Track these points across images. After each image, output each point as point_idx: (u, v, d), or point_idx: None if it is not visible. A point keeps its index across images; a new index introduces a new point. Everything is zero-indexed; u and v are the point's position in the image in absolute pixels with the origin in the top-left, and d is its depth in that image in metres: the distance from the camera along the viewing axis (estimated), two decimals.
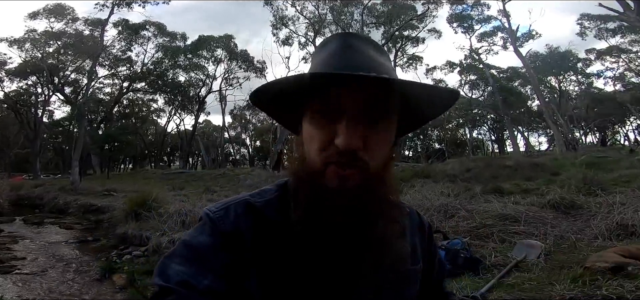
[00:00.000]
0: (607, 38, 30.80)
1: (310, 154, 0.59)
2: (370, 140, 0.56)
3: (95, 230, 7.45)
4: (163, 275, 0.54)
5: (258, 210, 0.62)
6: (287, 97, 0.62)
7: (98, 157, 29.59)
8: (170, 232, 4.24)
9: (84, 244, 5.81)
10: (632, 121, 38.57)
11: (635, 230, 2.93)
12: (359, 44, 0.61)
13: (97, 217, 8.82)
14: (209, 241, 0.58)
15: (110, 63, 27.97)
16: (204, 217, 0.61)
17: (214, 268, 0.55)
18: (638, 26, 12.41)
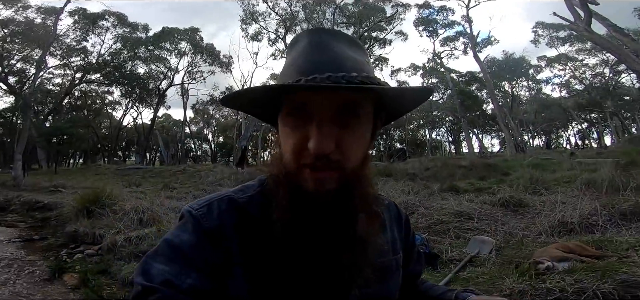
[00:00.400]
0: (557, 46, 33.30)
1: (286, 155, 0.58)
2: (344, 141, 0.55)
3: (42, 228, 6.90)
4: (146, 275, 0.53)
5: (241, 207, 0.62)
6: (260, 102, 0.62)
7: (45, 151, 27.46)
8: (127, 230, 4.04)
9: (30, 243, 5.37)
10: (574, 126, 42.03)
11: (574, 227, 3.21)
12: (330, 40, 0.59)
13: (44, 215, 8.17)
14: (192, 239, 0.57)
15: (63, 53, 25.99)
16: (186, 214, 0.60)
17: (197, 266, 0.54)
18: (586, 35, 13.43)
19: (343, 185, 0.56)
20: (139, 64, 30.62)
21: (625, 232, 2.91)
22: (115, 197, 5.10)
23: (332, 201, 0.56)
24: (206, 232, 0.58)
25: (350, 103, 0.55)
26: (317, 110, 0.54)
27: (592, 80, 34.45)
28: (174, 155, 33.72)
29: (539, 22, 32.62)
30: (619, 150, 12.80)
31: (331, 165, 0.54)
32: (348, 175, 0.56)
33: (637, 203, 3.36)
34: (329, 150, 0.53)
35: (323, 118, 0.54)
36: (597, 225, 3.13)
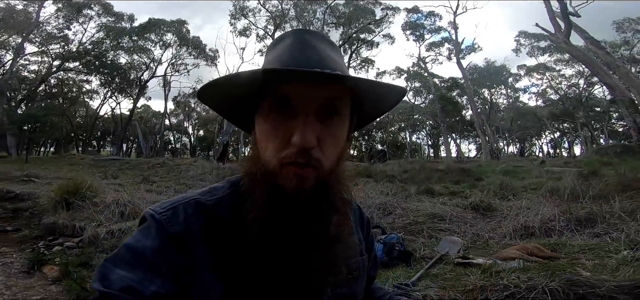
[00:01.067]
0: (537, 56, 34.55)
1: (266, 154, 0.57)
2: (325, 139, 0.56)
3: (14, 219, 6.64)
4: (104, 280, 0.51)
5: (209, 210, 0.60)
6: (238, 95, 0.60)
7: (15, 138, 26.37)
8: (108, 223, 4.04)
9: (2, 235, 5.22)
10: (547, 135, 43.81)
11: (535, 231, 3.48)
12: (314, 40, 0.61)
13: (16, 206, 7.81)
14: (155, 245, 0.55)
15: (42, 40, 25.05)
16: (149, 218, 0.58)
17: (161, 272, 0.52)
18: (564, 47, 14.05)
19: (320, 185, 0.56)
20: (121, 54, 29.94)
21: (578, 236, 3.19)
22: (96, 189, 5.06)
23: (309, 200, 0.55)
24: (171, 237, 0.55)
25: (331, 100, 0.56)
26: (301, 103, 0.55)
27: (567, 91, 35.91)
28: (153, 147, 33.06)
29: (522, 31, 33.91)
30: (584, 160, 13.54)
31: (311, 162, 0.54)
32: (325, 174, 0.56)
33: (592, 210, 3.66)
34: (312, 145, 0.54)
35: (308, 112, 0.55)
36: (555, 229, 3.42)
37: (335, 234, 0.58)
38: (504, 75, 39.15)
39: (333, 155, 0.58)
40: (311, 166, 0.55)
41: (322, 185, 0.56)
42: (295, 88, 0.54)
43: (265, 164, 0.57)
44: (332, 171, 0.58)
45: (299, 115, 0.54)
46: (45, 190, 7.81)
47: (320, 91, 0.55)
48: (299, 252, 0.56)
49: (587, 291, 1.77)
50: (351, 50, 32.74)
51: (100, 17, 27.45)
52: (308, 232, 0.56)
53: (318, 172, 0.56)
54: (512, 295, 1.85)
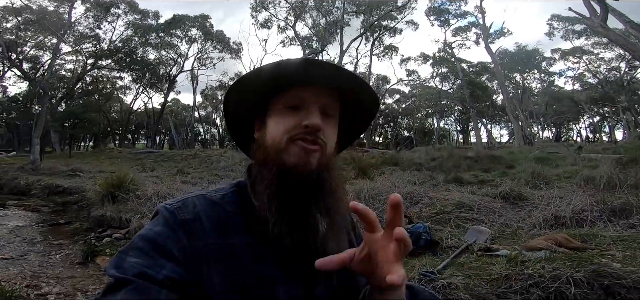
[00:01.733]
0: (572, 39, 32.64)
1: (276, 136, 0.67)
2: (326, 129, 0.68)
3: (64, 212, 7.19)
4: (119, 268, 0.53)
5: (216, 203, 0.66)
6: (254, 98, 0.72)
7: (58, 134, 28.13)
8: (150, 215, 4.36)
9: (56, 227, 5.65)
10: (586, 119, 41.54)
11: (566, 221, 3.43)
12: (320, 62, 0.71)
13: (64, 199, 8.46)
14: (165, 230, 0.58)
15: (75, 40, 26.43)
16: (161, 210, 0.62)
17: (172, 256, 0.56)
18: (601, 32, 13.18)
19: (322, 164, 0.66)
20: (150, 50, 30.99)
21: (611, 227, 3.13)
22: (137, 183, 5.40)
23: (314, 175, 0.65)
24: (181, 222, 0.60)
25: (329, 104, 0.70)
26: (309, 103, 0.68)
27: (607, 74, 33.80)
28: (185, 140, 34.23)
29: (555, 15, 32.03)
30: (624, 146, 12.81)
31: (318, 141, 0.66)
32: (326, 157, 0.68)
33: (628, 201, 3.56)
34: (319, 126, 0.66)
35: (317, 107, 0.68)
36: (587, 220, 3.36)
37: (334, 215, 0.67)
38: (536, 59, 37.26)
39: (331, 144, 0.70)
40: (317, 144, 0.66)
41: (325, 164, 0.67)
42: (305, 91, 0.68)
43: (275, 145, 0.67)
44: (330, 157, 0.69)
45: (309, 109, 0.67)
46: (90, 184, 8.39)
47: (322, 95, 0.69)
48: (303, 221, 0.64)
49: (612, 282, 1.79)
50: (373, 38, 32.25)
51: (127, 15, 28.49)
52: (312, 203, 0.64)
53: (322, 152, 0.67)
54: (536, 284, 1.90)
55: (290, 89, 0.68)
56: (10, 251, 4.26)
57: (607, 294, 1.80)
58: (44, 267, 3.69)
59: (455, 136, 47.73)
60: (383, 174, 8.06)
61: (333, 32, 28.36)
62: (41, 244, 4.62)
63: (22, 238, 5.00)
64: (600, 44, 30.91)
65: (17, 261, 3.82)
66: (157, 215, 0.63)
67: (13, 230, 5.57)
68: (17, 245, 4.48)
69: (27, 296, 2.87)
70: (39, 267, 3.67)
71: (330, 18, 28.73)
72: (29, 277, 3.27)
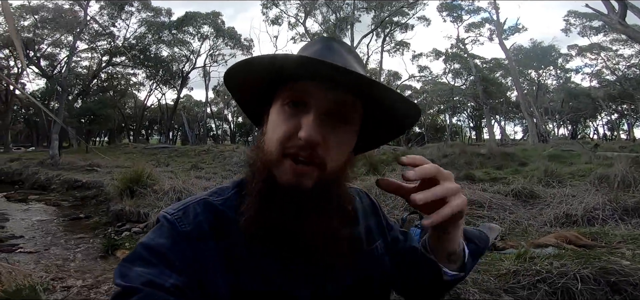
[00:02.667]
0: (590, 35, 31.89)
1: (270, 144, 0.60)
2: (331, 141, 0.58)
3: (83, 207, 7.40)
4: (125, 277, 0.53)
5: (217, 209, 0.63)
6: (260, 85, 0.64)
7: (74, 130, 28.88)
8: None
9: (76, 221, 5.85)
10: (603, 117, 40.57)
11: (577, 219, 3.44)
12: (341, 49, 0.65)
13: (83, 194, 8.65)
14: (168, 242, 0.57)
15: (90, 37, 27.07)
16: (162, 219, 0.61)
17: (177, 268, 0.55)
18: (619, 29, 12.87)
19: (320, 185, 0.58)
20: (163, 47, 31.57)
21: (622, 226, 3.13)
22: (154, 178, 5.56)
23: (306, 199, 0.57)
24: (182, 234, 0.58)
25: (346, 105, 0.59)
26: (315, 102, 0.58)
27: (626, 71, 32.94)
28: (198, 135, 34.72)
29: (572, 11, 31.36)
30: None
31: (314, 159, 0.57)
32: (327, 175, 0.58)
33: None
34: (317, 141, 0.56)
35: (320, 110, 0.57)
36: (599, 218, 3.36)
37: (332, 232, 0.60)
38: (552, 55, 36.53)
39: (337, 159, 0.60)
40: (314, 164, 0.57)
41: (322, 187, 0.58)
42: (311, 87, 0.58)
43: (267, 154, 0.60)
44: (334, 174, 0.60)
45: (311, 112, 0.57)
46: (108, 178, 8.61)
47: (333, 94, 0.57)
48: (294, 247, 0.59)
49: (619, 279, 1.83)
50: (384, 34, 32.06)
51: (141, 13, 29.05)
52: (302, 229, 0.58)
53: (320, 171, 0.58)
54: (543, 280, 1.94)
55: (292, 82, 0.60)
56: (34, 245, 4.46)
57: (614, 291, 1.84)
58: (67, 260, 3.85)
59: (468, 133, 47.23)
60: (394, 170, 8.08)
61: (343, 28, 28.31)
62: (63, 237, 4.81)
63: (45, 232, 5.21)
64: (619, 41, 30.15)
65: (41, 255, 4.00)
66: (158, 222, 0.61)
67: (35, 224, 5.80)
68: (40, 240, 4.68)
69: (54, 288, 3.02)
70: (62, 260, 3.83)
71: (341, 14, 28.71)
72: (54, 270, 3.43)
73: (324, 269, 0.61)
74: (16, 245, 4.46)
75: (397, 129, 0.70)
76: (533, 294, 1.90)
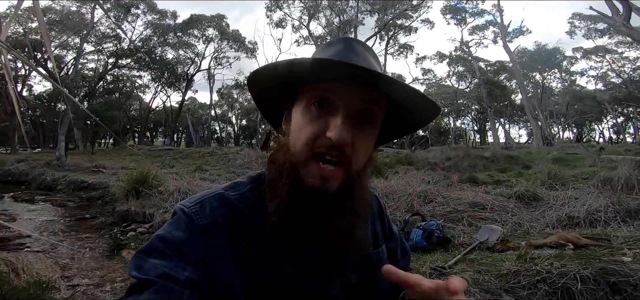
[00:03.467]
0: (595, 38, 31.72)
1: (296, 145, 0.60)
2: (357, 141, 0.58)
3: (89, 207, 7.46)
4: (141, 270, 0.53)
5: (233, 204, 0.63)
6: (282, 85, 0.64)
7: (80, 131, 29.14)
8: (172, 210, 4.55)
9: (82, 222, 5.90)
10: (609, 119, 40.31)
11: (580, 221, 3.45)
12: (362, 50, 0.65)
13: (89, 195, 8.73)
14: (185, 236, 0.58)
15: (97, 40, 27.36)
16: (179, 212, 0.61)
17: (192, 261, 0.55)
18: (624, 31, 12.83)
19: (345, 185, 0.59)
20: (168, 50, 31.78)
21: (625, 228, 3.13)
22: (160, 179, 5.62)
23: (331, 200, 0.59)
24: (199, 228, 0.59)
25: (369, 103, 0.59)
26: (342, 103, 0.57)
27: (632, 74, 32.71)
28: (202, 137, 34.89)
29: (576, 13, 31.17)
30: None
31: (342, 159, 0.58)
32: (352, 175, 0.59)
33: None
34: (346, 142, 0.56)
35: (348, 111, 0.57)
36: (601, 220, 3.36)
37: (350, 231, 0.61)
38: (557, 58, 36.33)
39: (362, 158, 0.61)
40: (341, 164, 0.58)
41: (348, 186, 0.60)
42: (338, 87, 0.58)
43: (295, 155, 0.60)
44: (359, 173, 0.61)
45: (338, 113, 0.57)
46: (113, 179, 8.69)
47: (360, 95, 0.58)
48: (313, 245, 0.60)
49: (619, 279, 1.84)
50: (388, 37, 32.09)
51: (146, 15, 29.30)
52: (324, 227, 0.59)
53: (346, 172, 0.59)
54: (543, 280, 1.96)
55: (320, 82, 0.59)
56: (42, 245, 4.52)
57: (614, 291, 1.85)
58: (73, 259, 3.91)
59: (472, 136, 47.05)
60: (397, 173, 8.11)
61: (347, 31, 28.36)
62: (69, 237, 4.87)
63: (52, 232, 5.27)
64: (624, 43, 29.95)
65: (48, 254, 4.05)
66: (175, 215, 0.62)
67: (42, 224, 5.86)
68: (47, 239, 4.74)
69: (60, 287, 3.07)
70: (68, 260, 3.89)
71: (344, 17, 28.77)
72: (60, 270, 3.49)
73: (334, 266, 0.63)
74: (23, 245, 4.52)
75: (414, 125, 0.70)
76: (533, 294, 1.92)
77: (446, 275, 2.27)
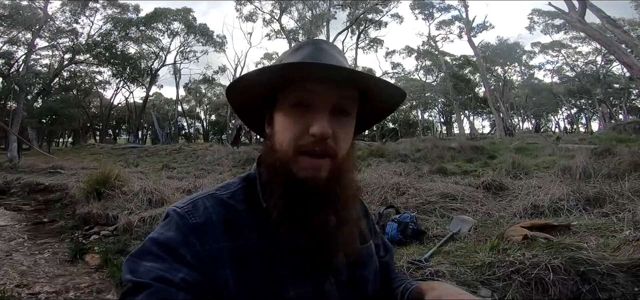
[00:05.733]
0: (552, 33, 33.45)
1: (283, 144, 0.63)
2: (338, 133, 0.63)
3: (47, 211, 6.99)
4: (135, 273, 0.53)
5: (227, 202, 0.65)
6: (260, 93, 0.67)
7: (35, 131, 27.28)
8: (138, 211, 4.32)
9: (40, 226, 5.51)
10: (564, 111, 42.92)
11: (544, 210, 3.60)
12: (330, 49, 0.69)
13: (46, 197, 8.20)
14: (178, 235, 0.58)
15: (51, 35, 25.51)
16: (172, 213, 0.62)
17: (186, 261, 0.56)
18: (578, 27, 13.61)
19: (334, 173, 0.63)
20: (130, 45, 30.27)
21: (586, 216, 3.30)
22: (123, 179, 5.34)
23: (324, 187, 0.62)
24: (192, 227, 0.59)
25: (343, 98, 0.64)
26: (320, 100, 0.62)
27: (584, 68, 34.89)
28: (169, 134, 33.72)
29: (535, 9, 32.75)
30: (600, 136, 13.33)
31: (327, 151, 0.61)
32: (338, 163, 0.63)
33: (602, 190, 3.74)
34: (329, 135, 0.60)
35: (328, 107, 0.62)
36: (564, 209, 3.52)
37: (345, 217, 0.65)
38: (517, 52, 38.13)
39: (344, 147, 0.65)
40: (327, 155, 0.62)
41: (336, 173, 0.63)
42: (314, 87, 0.61)
43: (283, 154, 0.63)
44: (343, 162, 0.65)
45: (317, 111, 0.61)
46: (73, 181, 8.18)
47: (334, 91, 0.62)
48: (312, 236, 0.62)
49: (588, 268, 1.92)
50: (359, 31, 32.35)
51: (106, 9, 27.72)
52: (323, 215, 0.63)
53: (332, 161, 0.63)
54: (517, 271, 2.01)
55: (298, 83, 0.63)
56: None
57: (583, 280, 1.93)
58: (32, 266, 3.62)
59: (439, 128, 48.57)
60: (370, 166, 8.16)
61: (319, 25, 28.30)
62: (26, 243, 4.53)
63: (6, 238, 4.87)
64: (578, 39, 31.86)
65: (3, 261, 3.74)
66: (167, 217, 0.62)
67: None
68: (1, 245, 4.38)
69: (18, 296, 2.83)
70: (26, 266, 3.60)
71: (317, 11, 28.66)
72: (18, 277, 3.22)
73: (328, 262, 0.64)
74: None
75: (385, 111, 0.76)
76: (508, 286, 1.97)
77: (423, 268, 2.29)
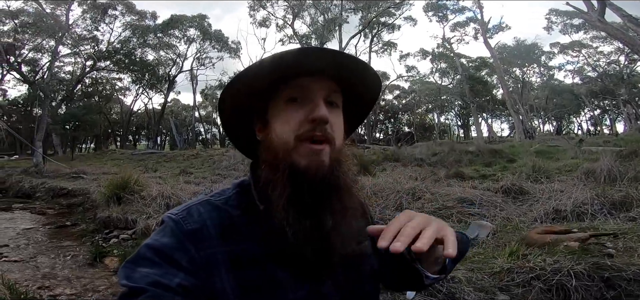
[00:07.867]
0: (571, 33, 32.54)
1: (283, 136, 0.64)
2: (333, 121, 0.65)
3: (70, 214, 7.23)
4: (131, 279, 0.54)
5: (221, 208, 0.65)
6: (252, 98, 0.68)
7: (59, 137, 28.19)
8: (156, 215, 4.41)
9: (63, 229, 5.71)
10: (586, 112, 41.55)
11: (567, 215, 3.47)
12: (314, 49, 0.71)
13: (69, 201, 8.48)
14: (173, 241, 0.58)
15: (73, 42, 26.43)
16: (167, 220, 0.62)
17: (182, 267, 0.56)
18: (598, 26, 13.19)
19: (333, 160, 0.64)
20: (149, 51, 30.99)
21: (611, 221, 3.16)
22: (142, 184, 5.45)
23: (326, 173, 0.63)
24: (187, 233, 0.60)
25: (333, 92, 0.67)
26: (314, 91, 0.64)
27: (606, 68, 33.74)
28: (186, 140, 34.28)
29: (553, 9, 31.92)
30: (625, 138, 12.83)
31: (326, 136, 0.63)
32: (337, 151, 0.65)
33: (628, 193, 3.59)
34: (328, 118, 0.62)
35: (322, 96, 0.64)
36: (588, 213, 3.39)
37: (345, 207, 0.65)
38: (536, 53, 37.19)
39: (340, 136, 0.67)
40: (326, 141, 0.63)
41: (336, 159, 0.65)
42: (307, 82, 0.64)
43: (284, 144, 0.63)
44: (340, 151, 0.66)
45: (315, 99, 0.64)
46: (94, 186, 8.43)
47: (325, 86, 0.65)
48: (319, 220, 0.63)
49: (613, 274, 1.84)
50: (372, 35, 32.20)
51: (125, 16, 28.48)
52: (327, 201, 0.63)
53: (331, 147, 0.64)
54: (537, 277, 1.95)
55: (291, 80, 0.65)
56: (20, 254, 4.32)
57: (608, 286, 1.85)
58: (54, 268, 3.74)
59: (456, 131, 47.75)
60: (384, 170, 8.11)
61: (332, 29, 28.34)
62: (49, 246, 4.68)
63: (31, 241, 5.06)
64: (599, 38, 30.85)
65: (27, 263, 3.87)
66: (162, 224, 0.63)
67: (21, 233, 5.61)
68: (25, 248, 4.54)
69: (40, 297, 2.92)
70: (49, 268, 3.72)
71: (329, 15, 28.71)
72: (40, 279, 3.33)
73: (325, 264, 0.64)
74: (0, 254, 4.32)
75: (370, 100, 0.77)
76: (528, 292, 1.90)
77: None
